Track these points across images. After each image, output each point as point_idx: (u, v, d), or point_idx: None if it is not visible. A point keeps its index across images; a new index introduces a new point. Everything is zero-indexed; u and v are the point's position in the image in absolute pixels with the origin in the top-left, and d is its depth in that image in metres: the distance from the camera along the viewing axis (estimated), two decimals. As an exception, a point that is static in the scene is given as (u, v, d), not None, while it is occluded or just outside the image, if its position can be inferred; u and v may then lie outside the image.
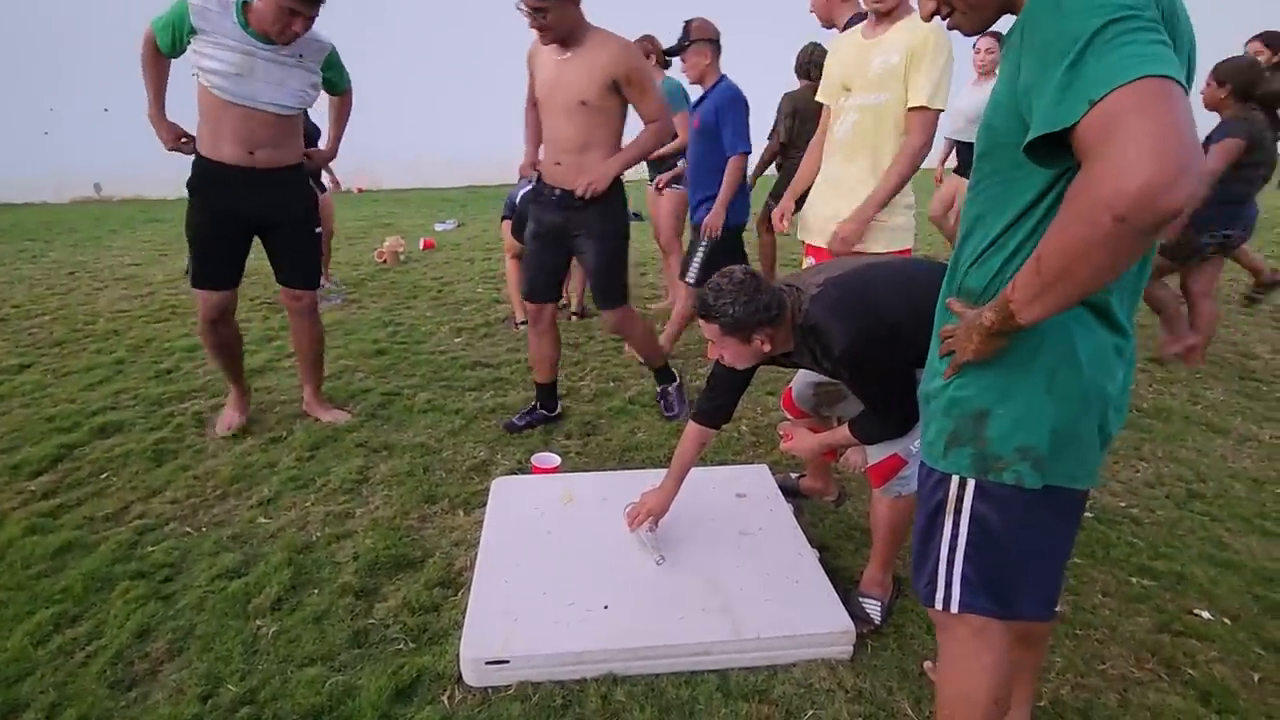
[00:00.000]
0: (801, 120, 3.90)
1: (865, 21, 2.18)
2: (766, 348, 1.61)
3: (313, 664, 1.63)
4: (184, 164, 2.44)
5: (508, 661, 1.57)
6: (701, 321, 1.64)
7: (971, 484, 1.02)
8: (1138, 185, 0.67)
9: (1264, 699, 1.57)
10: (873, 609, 1.79)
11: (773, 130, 4.24)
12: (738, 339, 1.59)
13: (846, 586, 1.85)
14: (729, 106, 2.99)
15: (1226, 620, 1.80)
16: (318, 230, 2.68)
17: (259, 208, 2.47)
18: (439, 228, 7.31)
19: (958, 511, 1.04)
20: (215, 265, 2.50)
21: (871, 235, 2.22)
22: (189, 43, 2.24)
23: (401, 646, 1.70)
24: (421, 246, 6.31)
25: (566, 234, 2.52)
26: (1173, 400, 3.02)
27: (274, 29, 2.21)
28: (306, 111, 2.52)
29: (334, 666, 1.63)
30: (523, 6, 2.14)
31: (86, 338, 3.88)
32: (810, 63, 3.92)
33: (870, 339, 1.52)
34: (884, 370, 1.56)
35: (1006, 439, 0.98)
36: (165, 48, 2.28)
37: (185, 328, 4.05)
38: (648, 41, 3.71)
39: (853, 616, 1.71)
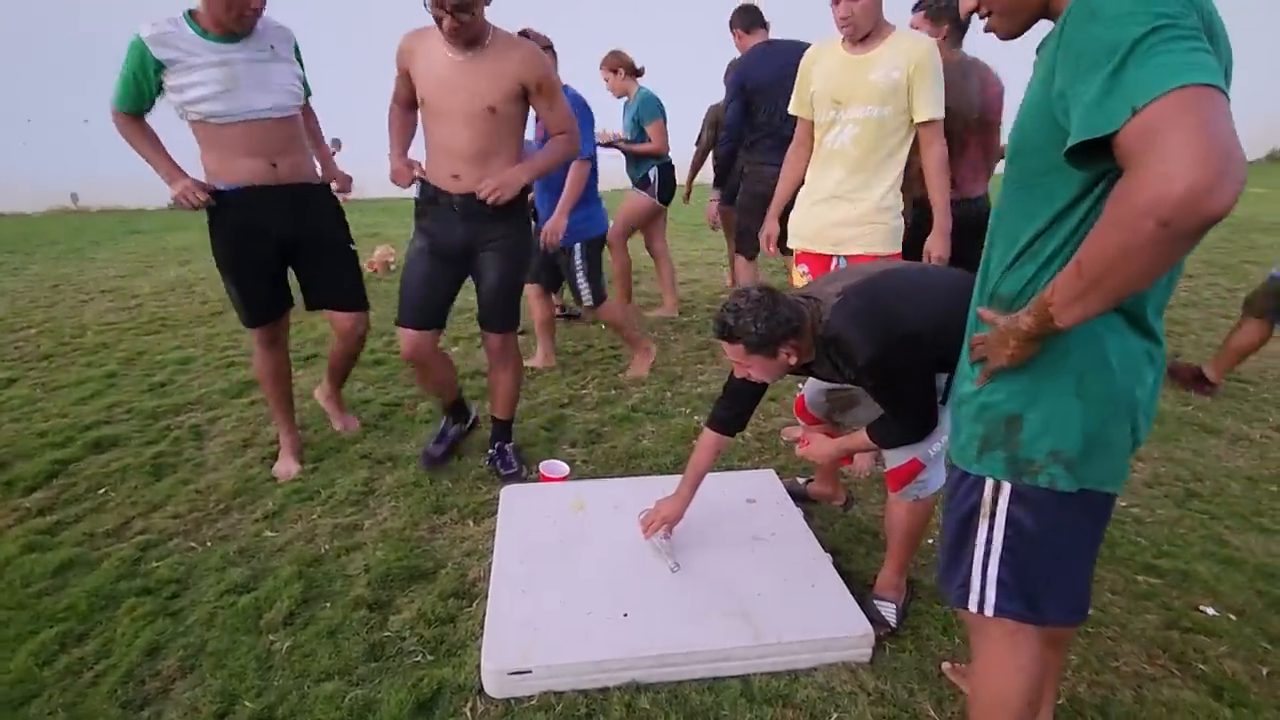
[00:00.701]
0: (719, 129, 4.09)
1: (841, 40, 2.24)
2: (793, 360, 1.62)
3: (330, 679, 1.61)
4: (145, 170, 2.27)
5: (530, 671, 1.56)
6: (724, 344, 1.65)
7: (1007, 487, 1.04)
8: (1181, 191, 0.69)
9: (1274, 692, 1.60)
10: (888, 611, 1.81)
11: (698, 137, 4.65)
12: (763, 355, 1.60)
13: (860, 590, 1.86)
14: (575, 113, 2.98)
15: (1232, 616, 1.84)
16: (353, 247, 2.49)
17: (288, 227, 2.28)
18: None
19: (993, 515, 1.06)
20: (262, 298, 2.34)
21: (880, 237, 2.27)
22: (159, 81, 2.05)
23: (419, 659, 1.68)
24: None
25: (469, 250, 2.27)
26: (1164, 402, 3.08)
27: (230, 16, 2.02)
28: None
29: (352, 681, 1.61)
30: (444, 8, 1.93)
31: (75, 351, 3.81)
32: None
33: (892, 347, 1.54)
34: (905, 377, 1.58)
35: (1038, 442, 1.00)
36: (136, 106, 2.09)
37: (176, 340, 4.00)
38: (615, 56, 3.81)
39: (869, 619, 1.72)
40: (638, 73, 3.90)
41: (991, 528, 1.07)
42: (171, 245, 6.95)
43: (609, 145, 3.93)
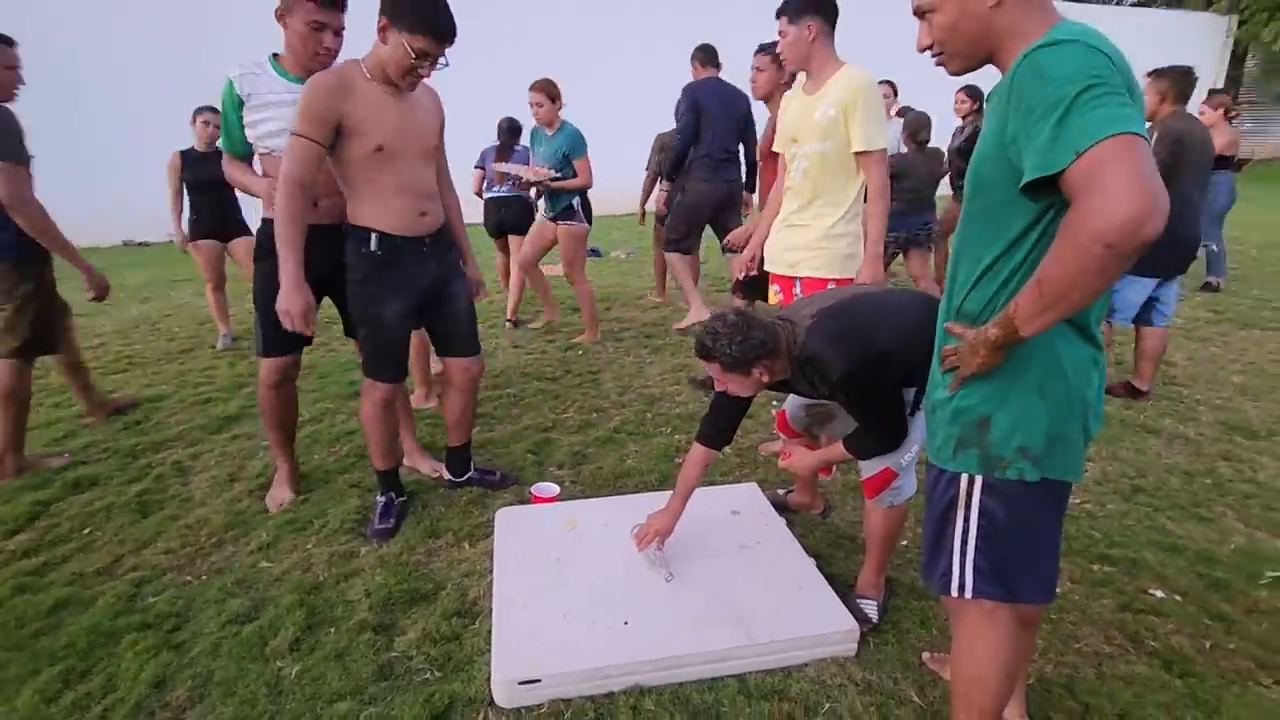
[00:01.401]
0: (667, 153, 4.54)
1: (803, 79, 2.44)
2: (765, 378, 1.76)
3: (342, 699, 1.65)
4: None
5: (539, 681, 1.63)
6: (703, 361, 1.79)
7: (979, 481, 1.18)
8: (1121, 220, 0.85)
9: (1216, 663, 1.77)
10: (870, 608, 1.93)
11: (648, 163, 5.24)
12: (739, 374, 1.74)
13: (843, 590, 1.98)
14: None
15: (1178, 597, 2.02)
16: None
17: (322, 264, 2.19)
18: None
19: (968, 506, 1.19)
20: (282, 330, 2.18)
21: (826, 261, 2.43)
22: (240, 117, 2.17)
23: (428, 676, 1.73)
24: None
25: (441, 285, 2.29)
26: (1110, 407, 3.32)
27: (309, 53, 2.11)
28: None
29: (364, 700, 1.65)
30: (427, 69, 1.99)
31: (41, 392, 3.73)
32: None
33: (864, 365, 1.68)
34: (877, 392, 1.73)
35: (1007, 440, 1.14)
36: (232, 147, 2.25)
37: (146, 378, 3.96)
38: (552, 85, 4.12)
39: (854, 616, 1.84)
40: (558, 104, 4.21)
41: (967, 519, 1.20)
42: (129, 283, 6.81)
43: (535, 185, 4.20)
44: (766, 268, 2.64)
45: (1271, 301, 5.20)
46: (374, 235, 2.10)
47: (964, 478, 1.19)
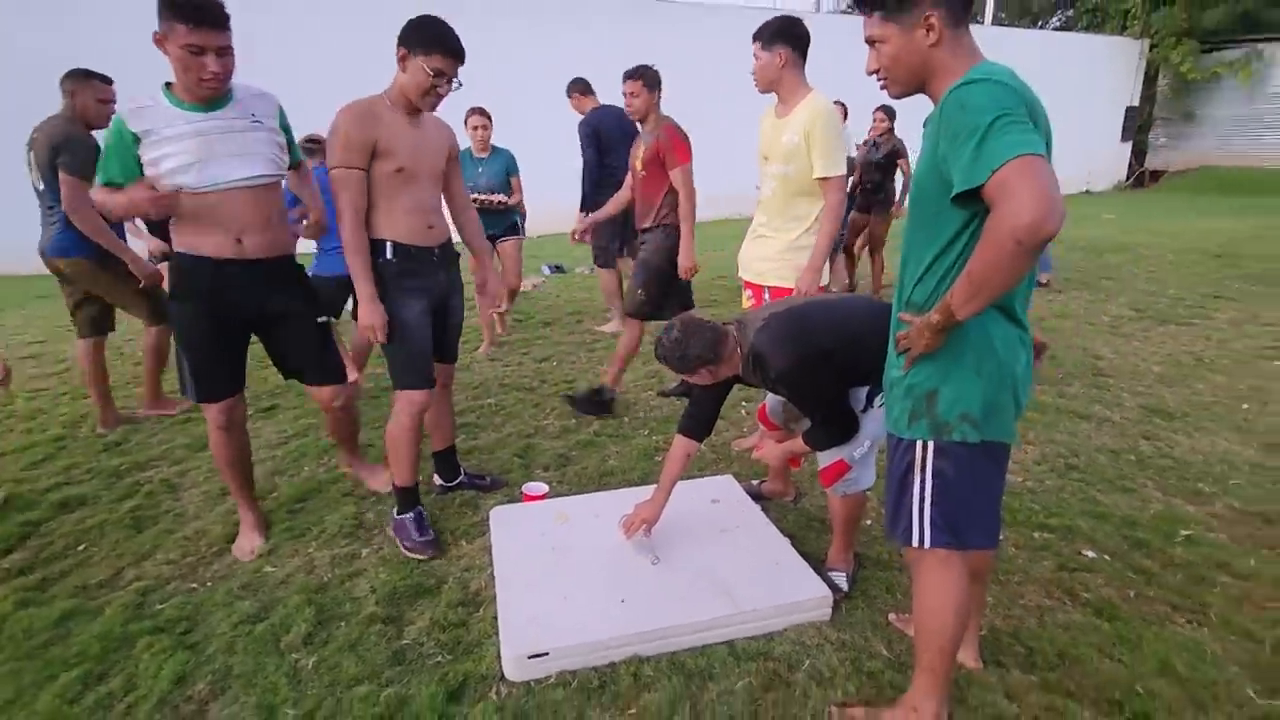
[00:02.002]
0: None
1: (774, 100, 2.65)
2: (709, 379, 1.99)
3: (360, 683, 1.77)
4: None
5: (547, 654, 1.77)
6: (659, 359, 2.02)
7: (931, 445, 1.39)
8: (1027, 221, 1.07)
9: (1139, 609, 2.02)
10: (840, 579, 2.13)
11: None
12: (688, 373, 1.98)
13: (816, 564, 2.18)
14: None
15: (1106, 557, 2.28)
16: (323, 320, 2.39)
17: (256, 303, 2.20)
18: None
19: (923, 469, 1.40)
20: (216, 374, 2.24)
21: (791, 272, 2.63)
22: (138, 155, 1.99)
23: (440, 659, 1.86)
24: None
25: (448, 294, 2.43)
26: (1045, 397, 3.63)
27: (192, 79, 1.94)
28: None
29: (382, 682, 1.77)
30: (446, 87, 2.14)
31: (9, 418, 3.70)
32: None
33: (803, 361, 1.88)
34: (816, 388, 1.92)
35: (951, 409, 1.35)
36: (110, 179, 2.01)
37: (119, 401, 3.94)
38: (485, 113, 4.46)
39: (827, 585, 2.04)
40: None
41: (923, 479, 1.41)
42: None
43: (495, 206, 4.49)
44: (740, 274, 2.85)
45: (1185, 300, 5.69)
46: (389, 245, 2.21)
47: (918, 444, 1.40)
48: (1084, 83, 15.17)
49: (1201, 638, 1.90)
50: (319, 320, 2.39)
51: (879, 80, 1.39)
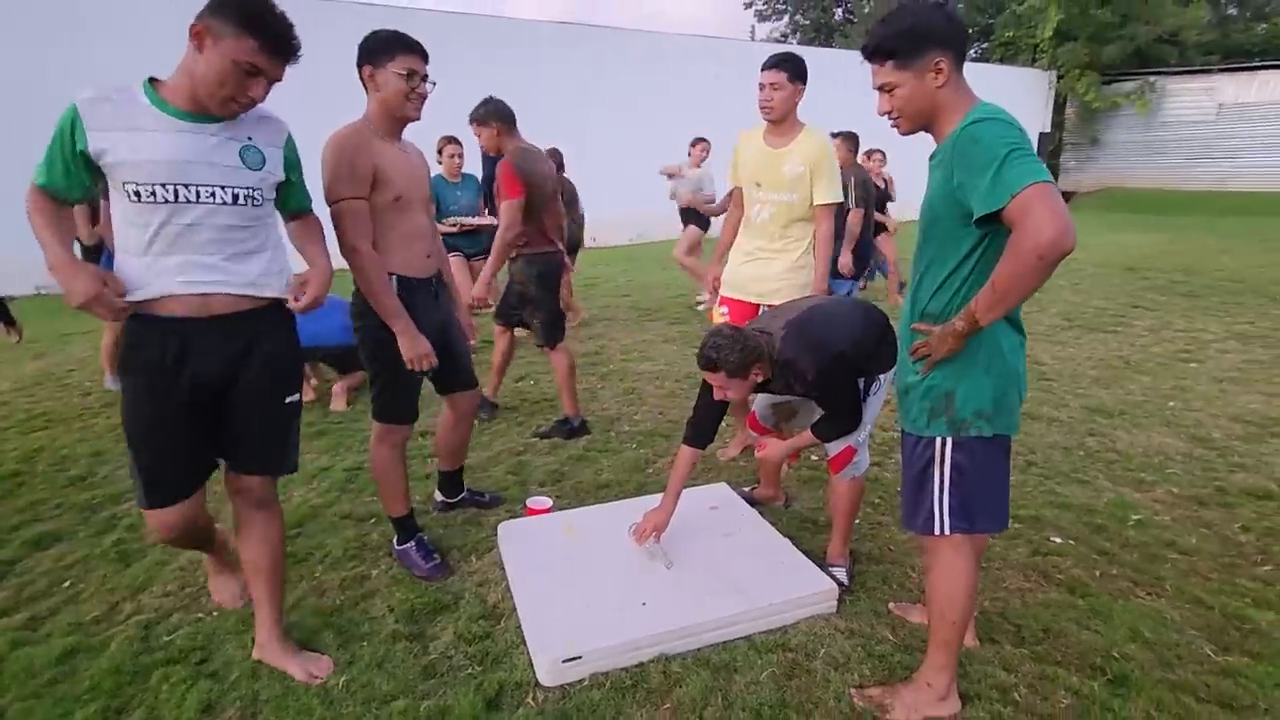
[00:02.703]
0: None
1: (765, 129, 2.83)
2: (759, 378, 2.10)
3: (395, 699, 1.78)
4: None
5: (580, 657, 1.84)
6: (707, 373, 2.09)
7: (950, 441, 1.54)
8: (1048, 239, 1.24)
9: (1105, 586, 2.24)
10: (841, 574, 2.28)
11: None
12: (739, 378, 2.05)
13: (816, 561, 2.32)
14: None
15: (1071, 542, 2.51)
16: (290, 399, 1.85)
17: (216, 365, 1.69)
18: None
19: (942, 463, 1.56)
20: (175, 472, 1.74)
21: (794, 290, 2.78)
22: (84, 153, 1.52)
23: (471, 670, 1.89)
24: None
25: (445, 326, 2.39)
26: (997, 400, 3.92)
27: (218, 95, 1.55)
28: None
29: (417, 696, 1.79)
30: (423, 85, 2.09)
31: (-39, 455, 3.48)
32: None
33: (831, 363, 2.06)
34: (840, 385, 2.10)
35: (966, 406, 1.51)
36: (64, 188, 1.55)
37: (74, 434, 3.76)
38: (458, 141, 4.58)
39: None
40: None
41: (942, 472, 1.56)
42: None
43: (480, 228, 4.62)
44: (725, 292, 2.99)
45: (1109, 310, 6.21)
46: (395, 279, 2.16)
47: (938, 440, 1.56)
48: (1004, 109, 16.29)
49: (1161, 607, 2.13)
50: (288, 398, 1.87)
51: (891, 121, 1.55)
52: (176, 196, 1.58)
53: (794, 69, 2.66)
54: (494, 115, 3.21)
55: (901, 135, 1.60)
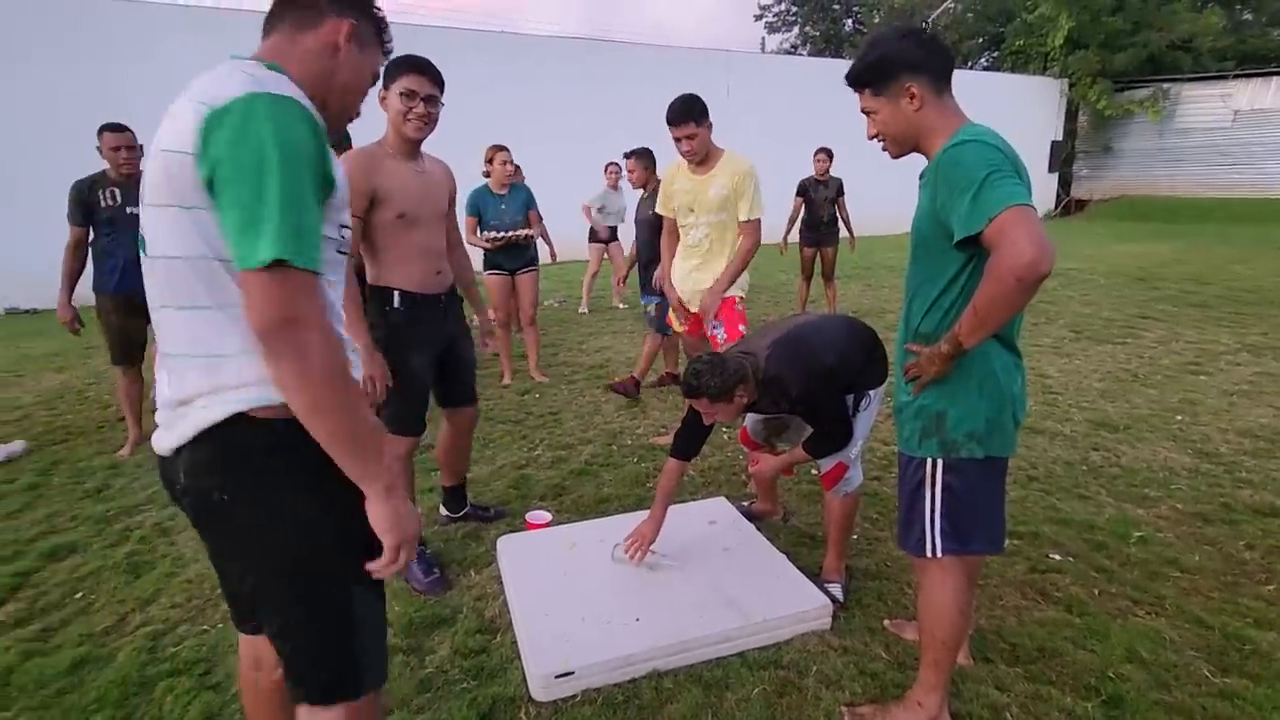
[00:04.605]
0: None
1: (687, 162, 3.09)
2: (745, 399, 2.12)
3: (392, 713, 1.81)
4: None
5: (573, 673, 1.86)
6: (691, 399, 2.12)
7: (940, 462, 1.55)
8: (1026, 262, 1.26)
9: (1104, 605, 2.23)
10: (835, 590, 2.28)
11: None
12: (724, 401, 2.08)
13: (811, 577, 2.32)
14: None
15: (1071, 558, 2.50)
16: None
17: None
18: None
19: (933, 484, 1.56)
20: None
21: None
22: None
23: (466, 685, 1.92)
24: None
25: (453, 340, 2.48)
26: (1002, 414, 3.91)
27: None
28: None
29: (413, 710, 1.82)
30: (421, 105, 2.15)
31: (-22, 467, 3.57)
32: None
33: (815, 380, 2.08)
34: (828, 401, 2.12)
35: (958, 428, 1.52)
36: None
37: (92, 446, 3.85)
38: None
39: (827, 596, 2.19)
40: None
41: (933, 494, 1.57)
42: (35, 352, 6.44)
43: (520, 240, 4.64)
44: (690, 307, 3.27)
45: (1117, 321, 6.16)
46: (396, 294, 2.27)
47: (929, 461, 1.57)
48: (1012, 118, 16.13)
49: (1160, 627, 2.11)
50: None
51: (880, 143, 1.58)
52: None
53: (698, 112, 2.96)
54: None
55: (892, 159, 1.62)
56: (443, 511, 2.82)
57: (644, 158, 4.60)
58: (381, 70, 1.31)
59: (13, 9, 8.31)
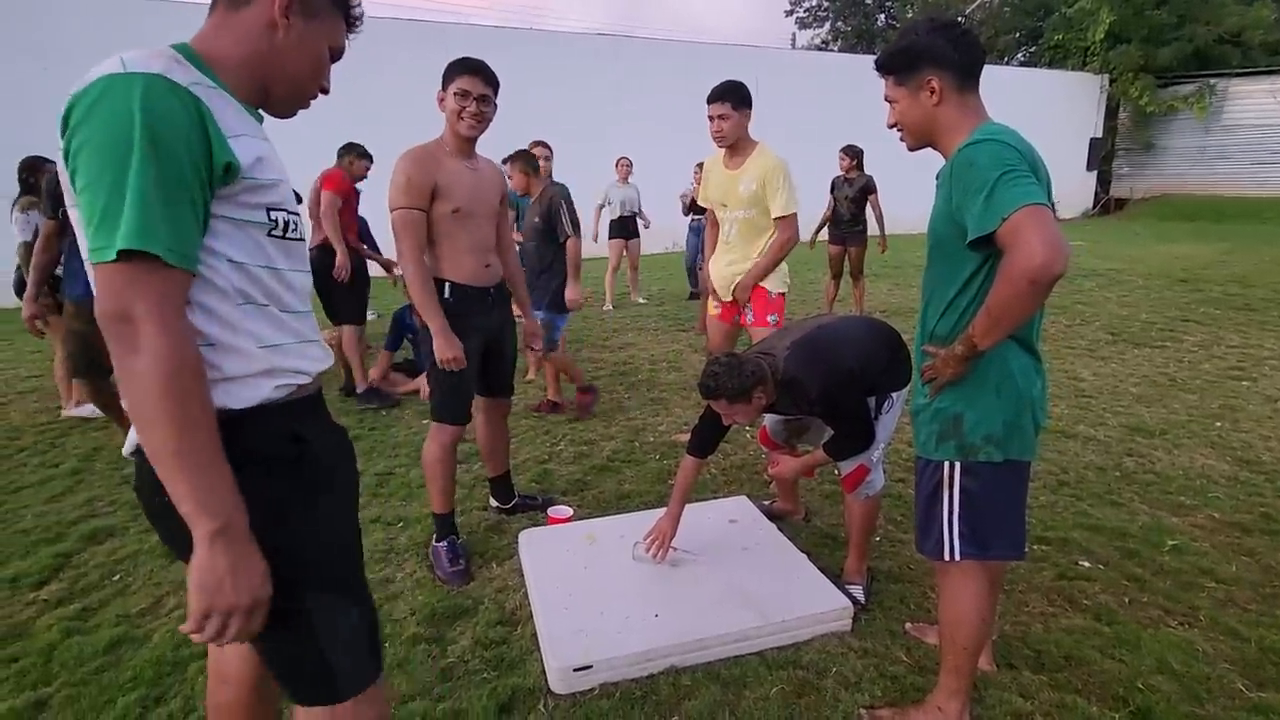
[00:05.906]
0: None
1: (724, 153, 3.03)
2: (764, 400, 2.10)
3: (413, 700, 1.85)
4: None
5: (591, 666, 1.87)
6: (709, 401, 2.11)
7: (958, 466, 1.53)
8: (1039, 263, 1.24)
9: (1134, 614, 2.18)
10: (857, 592, 2.26)
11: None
12: (742, 403, 2.07)
13: (832, 578, 2.31)
14: None
15: (1101, 566, 2.44)
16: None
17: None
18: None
19: (950, 487, 1.54)
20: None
21: (766, 281, 3.06)
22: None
23: (487, 675, 1.95)
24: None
25: (500, 331, 2.56)
26: (1032, 417, 3.83)
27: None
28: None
29: (434, 698, 1.85)
30: (473, 105, 2.24)
31: (20, 452, 3.72)
32: None
33: (836, 382, 2.06)
34: (847, 403, 2.10)
35: (975, 431, 1.50)
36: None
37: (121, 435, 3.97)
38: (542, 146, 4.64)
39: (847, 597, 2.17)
40: None
41: (951, 497, 1.55)
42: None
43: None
44: (722, 297, 3.22)
45: (1156, 324, 5.99)
46: (448, 285, 2.36)
47: (946, 464, 1.55)
48: (1050, 115, 15.88)
49: (1193, 638, 2.06)
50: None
51: (898, 134, 1.57)
52: None
53: (737, 97, 2.89)
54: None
55: (908, 150, 1.60)
56: (492, 503, 2.90)
57: (521, 161, 4.09)
58: (346, 43, 1.15)
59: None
